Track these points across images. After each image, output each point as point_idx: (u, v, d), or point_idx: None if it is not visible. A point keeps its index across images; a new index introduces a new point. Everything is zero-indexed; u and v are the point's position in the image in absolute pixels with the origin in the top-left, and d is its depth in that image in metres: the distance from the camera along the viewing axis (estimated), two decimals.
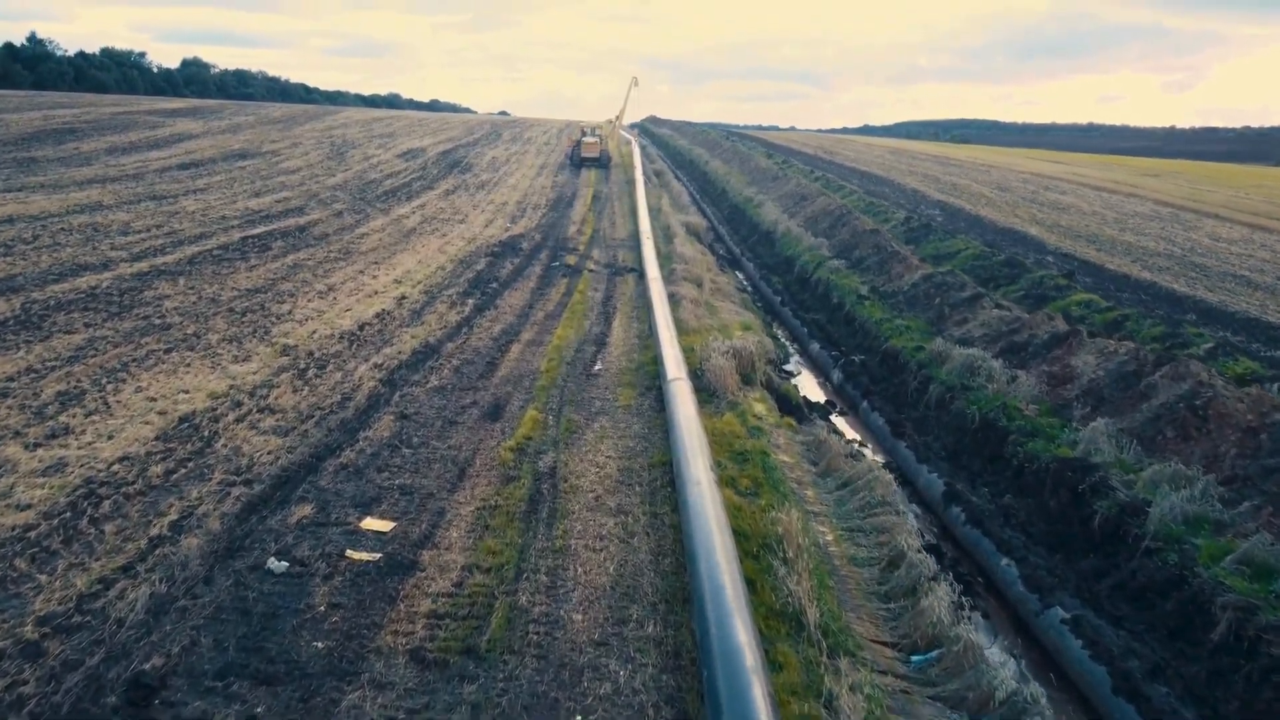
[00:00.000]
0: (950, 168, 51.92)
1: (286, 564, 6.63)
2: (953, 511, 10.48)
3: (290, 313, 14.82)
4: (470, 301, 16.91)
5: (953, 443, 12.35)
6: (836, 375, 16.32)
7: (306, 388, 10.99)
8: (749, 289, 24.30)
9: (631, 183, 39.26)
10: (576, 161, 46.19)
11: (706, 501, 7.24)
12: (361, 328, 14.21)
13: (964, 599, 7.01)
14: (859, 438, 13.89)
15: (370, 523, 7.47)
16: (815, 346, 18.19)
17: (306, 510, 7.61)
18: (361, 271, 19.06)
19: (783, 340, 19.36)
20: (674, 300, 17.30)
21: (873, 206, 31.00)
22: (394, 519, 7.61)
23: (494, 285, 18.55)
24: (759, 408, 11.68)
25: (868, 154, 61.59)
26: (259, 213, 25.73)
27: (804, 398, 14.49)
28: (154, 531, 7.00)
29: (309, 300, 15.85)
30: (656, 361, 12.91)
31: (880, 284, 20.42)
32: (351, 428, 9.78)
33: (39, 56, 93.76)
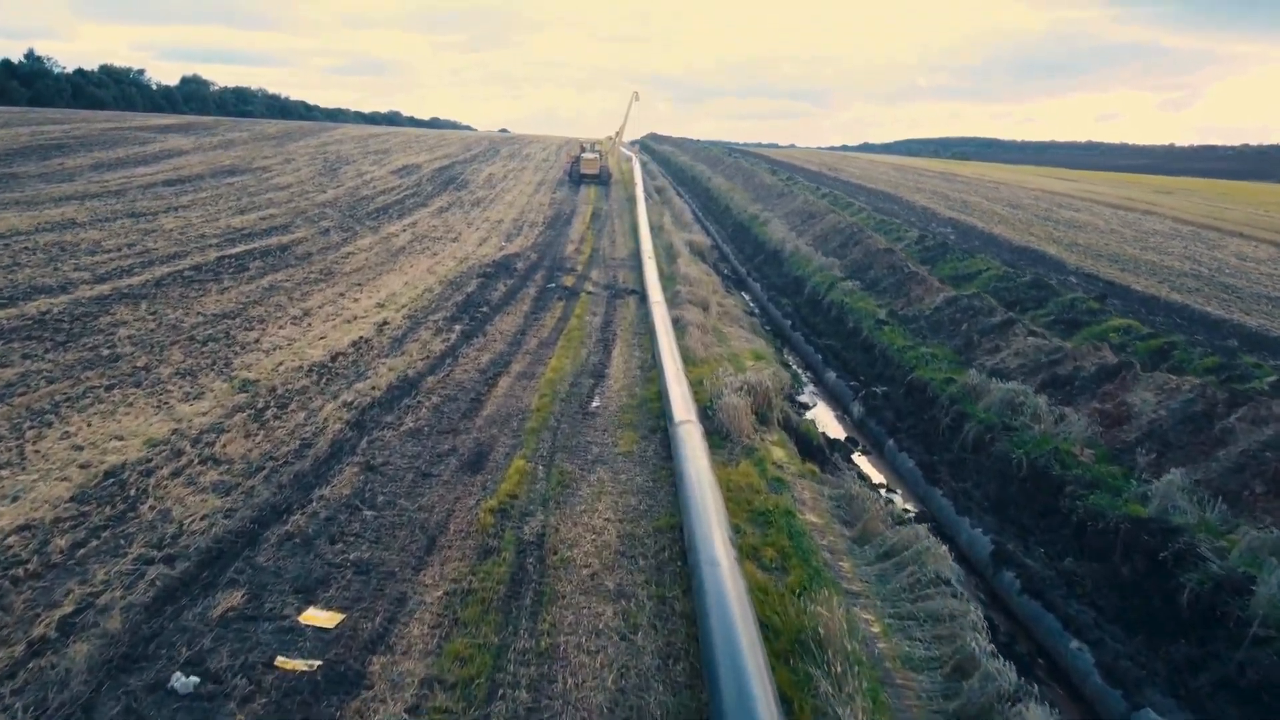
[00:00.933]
0: (958, 184, 50.79)
1: (196, 680, 5.21)
2: (1005, 577, 9.06)
3: (257, 341, 13.47)
4: (458, 327, 15.55)
5: (996, 491, 10.93)
6: (857, 409, 14.93)
7: (261, 432, 9.59)
8: (757, 312, 22.98)
9: (632, 200, 38.09)
10: (576, 178, 45.06)
11: (728, 591, 5.83)
12: (334, 359, 12.84)
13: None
14: (885, 481, 12.50)
15: (312, 615, 6.05)
16: (831, 375, 16.82)
17: (236, 598, 6.19)
18: (342, 294, 17.73)
19: (795, 368, 18.00)
20: (679, 326, 15.95)
21: (884, 224, 29.75)
22: (343, 608, 6.19)
23: (484, 309, 17.20)
24: (778, 453, 10.28)
25: (872, 170, 60.56)
26: (241, 231, 24.49)
27: (824, 435, 13.10)
28: (37, 632, 5.59)
29: (280, 327, 14.50)
30: (661, 397, 11.53)
31: (899, 307, 19.08)
32: (307, 483, 8.37)
33: (36, 73, 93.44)
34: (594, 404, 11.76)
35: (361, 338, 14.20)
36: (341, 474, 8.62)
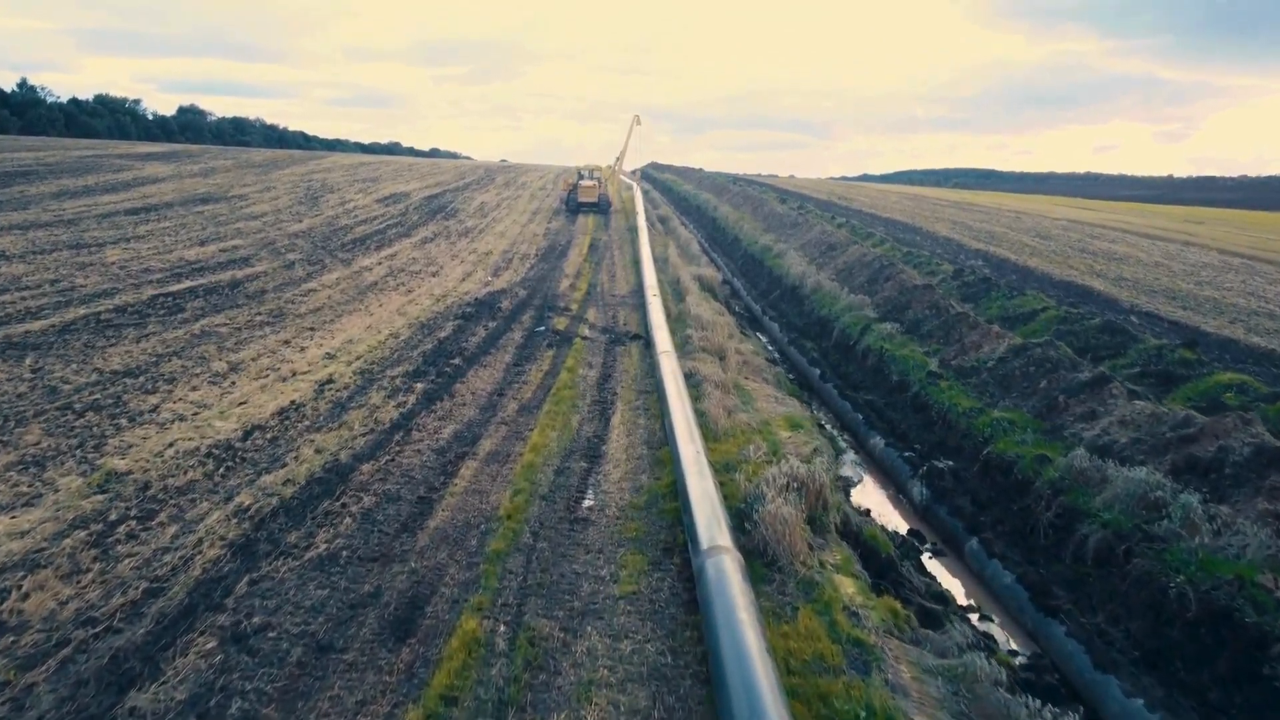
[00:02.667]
0: (977, 214, 48.19)
1: None
2: None
3: (155, 410, 10.46)
4: (419, 386, 12.54)
5: (1149, 633, 7.82)
6: (918, 490, 11.88)
7: (95, 567, 6.54)
8: (777, 358, 20.00)
9: (634, 230, 35.38)
10: (573, 206, 42.37)
11: None
12: (248, 435, 9.82)
13: None
14: (972, 599, 9.42)
15: None
16: (878, 442, 13.78)
17: None
18: (287, 342, 14.77)
19: (829, 428, 14.98)
20: (693, 382, 12.97)
21: (911, 257, 26.94)
22: None
23: (456, 361, 14.19)
24: (847, 587, 7.21)
25: (884, 200, 58.11)
26: (193, 264, 21.67)
27: (886, 531, 10.02)
28: None
29: (193, 388, 11.51)
30: (678, 495, 8.50)
31: (951, 357, 16.10)
32: (122, 676, 5.28)
33: (29, 103, 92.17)
34: (586, 503, 8.70)
35: (293, 403, 11.19)
36: (187, 653, 5.54)
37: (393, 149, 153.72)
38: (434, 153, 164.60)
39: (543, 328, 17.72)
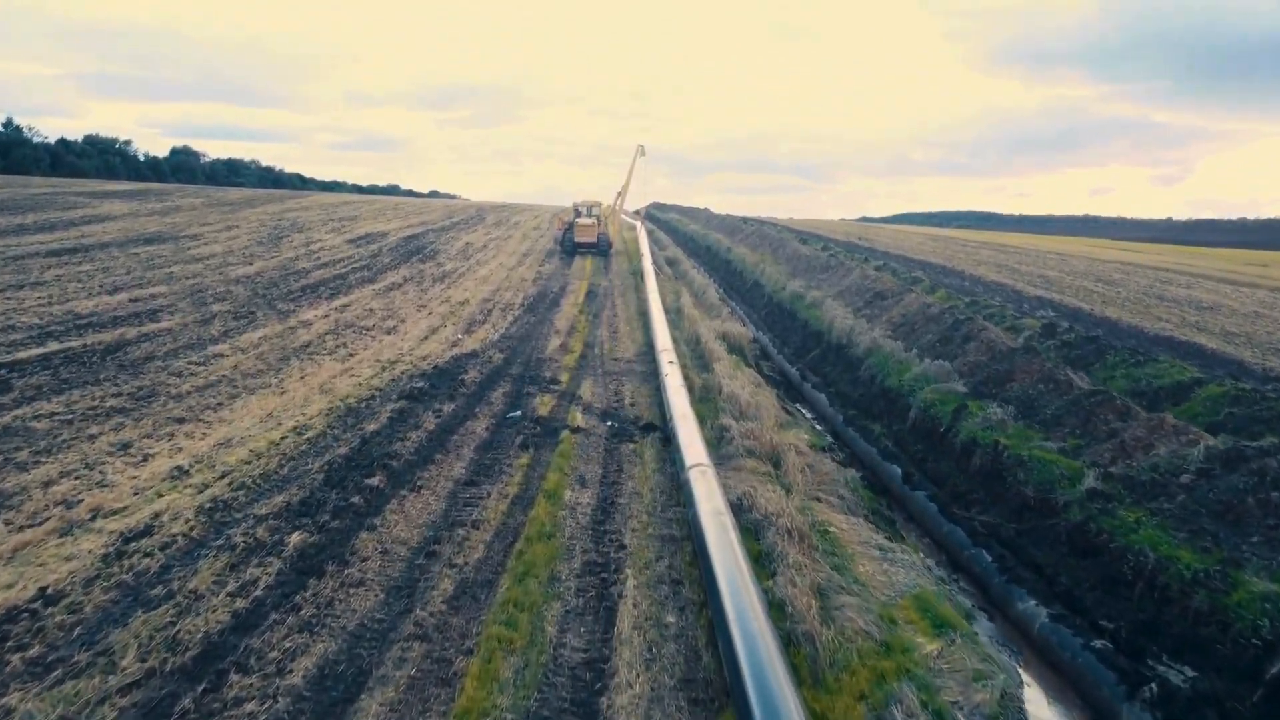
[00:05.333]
0: (1016, 255, 43.63)
1: None
2: None
3: None
4: (294, 539, 7.50)
5: None
6: None
7: None
8: (831, 441, 14.96)
9: (639, 274, 30.70)
10: (569, 247, 37.71)
11: None
12: None
13: None
14: None
15: None
16: (1035, 611, 8.71)
17: None
18: (128, 445, 9.82)
19: (928, 563, 9.90)
20: (749, 522, 7.98)
21: (978, 306, 22.17)
22: None
23: (376, 480, 9.15)
24: None
25: (907, 241, 53.70)
26: (81, 318, 16.95)
27: None
28: None
29: None
30: None
31: (1107, 460, 11.09)
32: None
33: (14, 142, 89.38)
34: None
35: (42, 592, 6.16)
36: None
37: (391, 190, 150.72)
38: (433, 194, 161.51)
39: (518, 412, 12.74)
